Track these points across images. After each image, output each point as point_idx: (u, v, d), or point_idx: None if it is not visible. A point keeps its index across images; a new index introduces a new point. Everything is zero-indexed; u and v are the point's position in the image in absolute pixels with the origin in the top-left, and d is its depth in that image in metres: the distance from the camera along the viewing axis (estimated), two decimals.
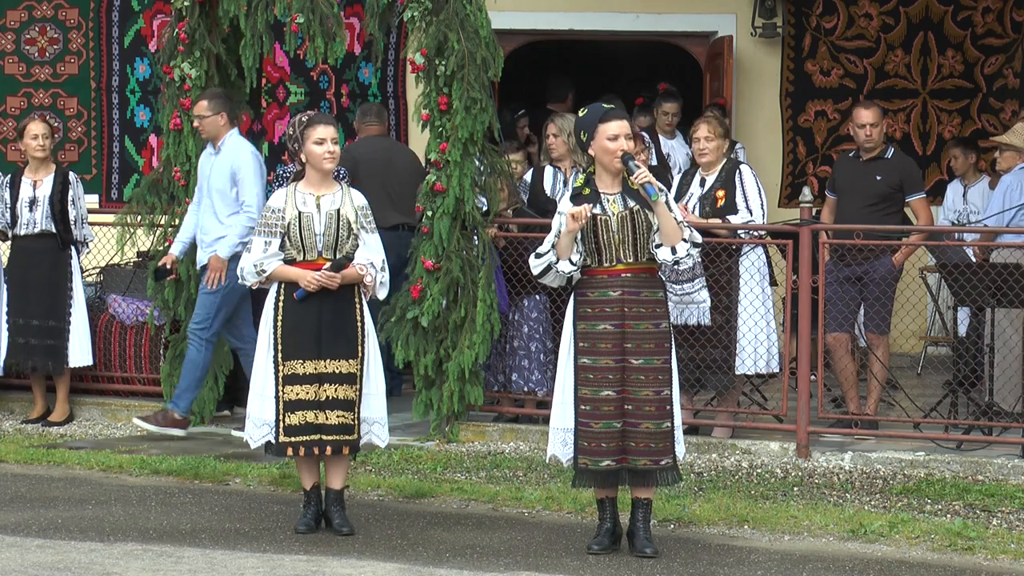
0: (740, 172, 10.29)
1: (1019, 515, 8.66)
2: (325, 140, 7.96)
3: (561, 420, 7.68)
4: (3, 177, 11.52)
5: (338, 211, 7.96)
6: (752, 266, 10.26)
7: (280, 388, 7.93)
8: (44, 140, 11.37)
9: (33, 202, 11.29)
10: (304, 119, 8.09)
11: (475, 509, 8.68)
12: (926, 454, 9.81)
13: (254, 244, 8.05)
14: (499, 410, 10.85)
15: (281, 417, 7.92)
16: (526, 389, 10.69)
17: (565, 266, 7.57)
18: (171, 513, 8.46)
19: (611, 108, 7.66)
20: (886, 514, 8.55)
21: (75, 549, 7.59)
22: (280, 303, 7.98)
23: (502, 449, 10.30)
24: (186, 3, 10.91)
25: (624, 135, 7.54)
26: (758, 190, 10.25)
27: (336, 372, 7.92)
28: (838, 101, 14.44)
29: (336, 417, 7.91)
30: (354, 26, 13.64)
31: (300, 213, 7.94)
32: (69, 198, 11.36)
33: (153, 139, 14.14)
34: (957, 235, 11.62)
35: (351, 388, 7.95)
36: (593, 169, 7.67)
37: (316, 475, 8.12)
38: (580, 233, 7.53)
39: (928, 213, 10.66)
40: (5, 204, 11.37)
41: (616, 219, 7.53)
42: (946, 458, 9.73)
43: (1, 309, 11.44)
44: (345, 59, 12.06)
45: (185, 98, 10.90)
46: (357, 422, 7.96)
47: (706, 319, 10.12)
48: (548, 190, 10.78)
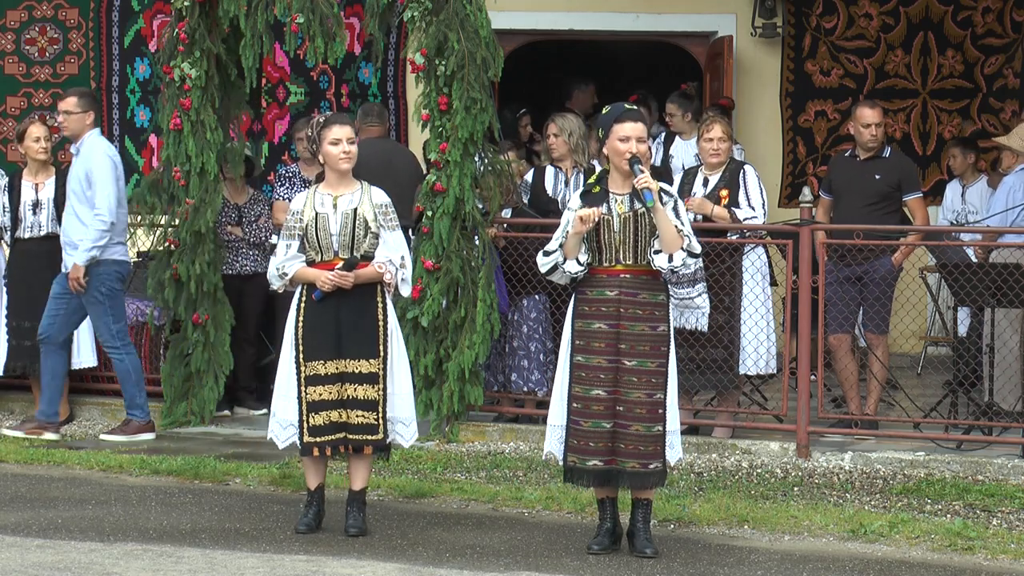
0: (744, 172, 10.31)
1: (1019, 515, 8.66)
2: (341, 140, 7.97)
3: (557, 417, 7.69)
4: (2, 179, 11.50)
5: (355, 210, 7.94)
6: (752, 266, 10.27)
7: (303, 389, 7.93)
8: (46, 142, 11.37)
9: (36, 205, 11.26)
10: (321, 120, 8.11)
11: (475, 509, 8.68)
12: (926, 454, 9.81)
13: (278, 247, 8.10)
14: (499, 410, 10.85)
15: (305, 418, 7.92)
16: (526, 389, 10.69)
17: (572, 266, 7.58)
18: (171, 513, 8.46)
19: (629, 109, 7.67)
20: (886, 514, 8.55)
21: (75, 549, 7.59)
22: (302, 304, 8.00)
23: (502, 449, 10.30)
24: (186, 3, 10.91)
25: (636, 137, 7.54)
26: (760, 190, 10.28)
27: (356, 372, 7.91)
28: (838, 101, 14.45)
29: (357, 417, 7.90)
30: (354, 26, 13.64)
31: (317, 214, 7.96)
32: None
33: (153, 139, 14.13)
34: (956, 235, 11.62)
35: (372, 388, 7.92)
36: (608, 168, 7.69)
37: (322, 476, 8.10)
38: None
39: (924, 213, 10.67)
40: (3, 208, 11.36)
41: (619, 220, 7.54)
42: (946, 458, 9.73)
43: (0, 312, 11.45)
44: (345, 59, 12.05)
45: (185, 98, 10.90)
46: (381, 422, 7.93)
47: (704, 325, 10.12)
48: (549, 190, 10.78)
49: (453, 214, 10.28)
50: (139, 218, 11.23)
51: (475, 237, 10.41)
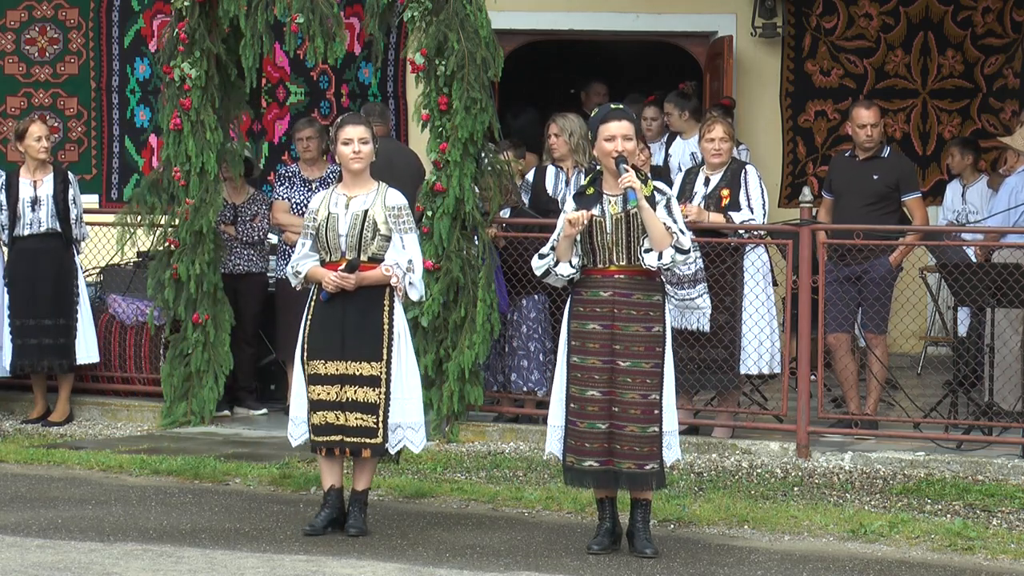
0: (746, 172, 10.31)
1: (1019, 515, 8.66)
2: (352, 140, 7.96)
3: (557, 418, 7.69)
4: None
5: (365, 212, 7.93)
6: (753, 266, 10.27)
7: (308, 387, 7.95)
8: (47, 141, 11.40)
9: (36, 202, 11.28)
10: (339, 121, 8.13)
11: (475, 509, 8.67)
12: (926, 454, 9.81)
13: (296, 246, 8.13)
14: (499, 410, 10.85)
15: (309, 416, 7.95)
16: (525, 389, 10.69)
17: (564, 269, 7.57)
18: (171, 513, 8.46)
19: (616, 108, 7.67)
20: (886, 514, 8.55)
21: (75, 549, 7.59)
22: (311, 304, 8.01)
23: (502, 449, 10.30)
24: (186, 3, 10.91)
25: (622, 136, 7.52)
26: (761, 191, 10.28)
27: (357, 374, 7.90)
28: (838, 101, 14.44)
29: (355, 419, 7.88)
30: (354, 26, 13.64)
31: (329, 214, 7.96)
32: (70, 196, 11.38)
33: (153, 139, 14.14)
34: (956, 234, 11.62)
35: (372, 391, 7.89)
36: (602, 169, 7.69)
37: (336, 478, 8.04)
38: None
39: (924, 213, 10.66)
40: (1, 206, 11.37)
41: (612, 221, 7.52)
42: (946, 458, 9.73)
43: (2, 311, 11.44)
44: (345, 59, 12.06)
45: (185, 98, 10.90)
46: (381, 425, 7.90)
47: (705, 326, 10.11)
48: (550, 190, 10.78)
49: (453, 214, 10.28)
50: (139, 218, 11.24)
51: (475, 237, 10.41)
